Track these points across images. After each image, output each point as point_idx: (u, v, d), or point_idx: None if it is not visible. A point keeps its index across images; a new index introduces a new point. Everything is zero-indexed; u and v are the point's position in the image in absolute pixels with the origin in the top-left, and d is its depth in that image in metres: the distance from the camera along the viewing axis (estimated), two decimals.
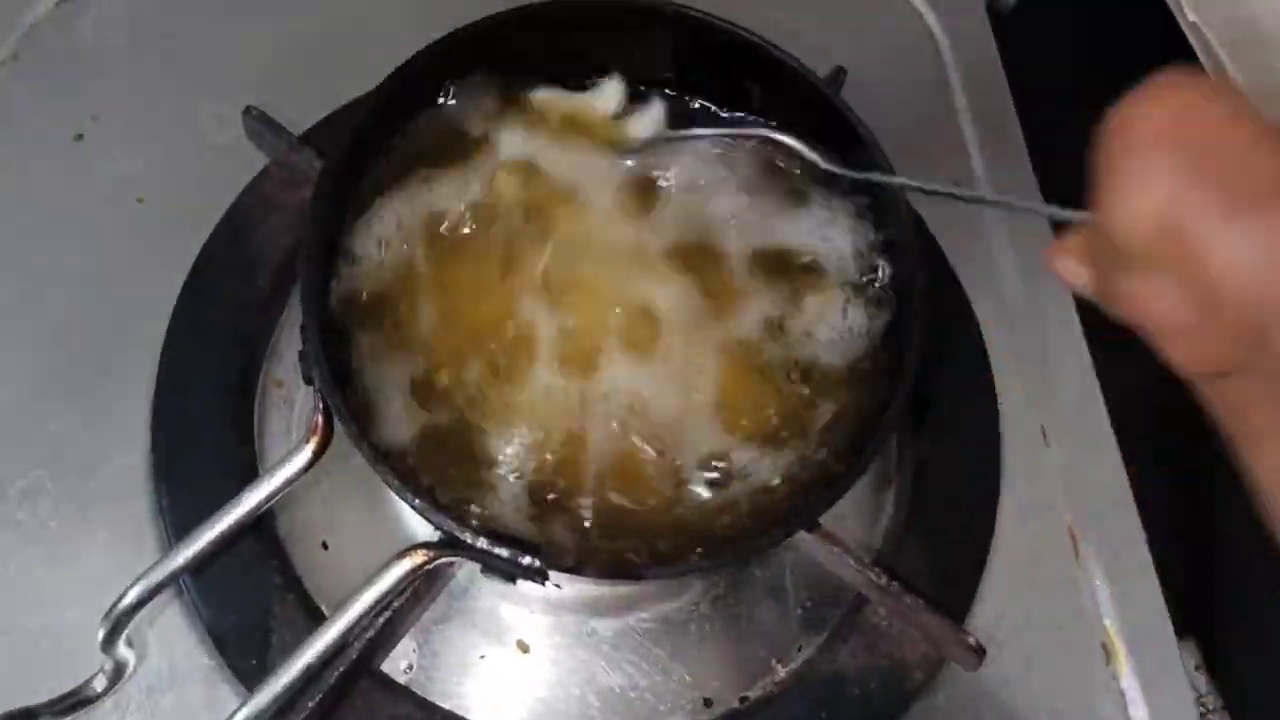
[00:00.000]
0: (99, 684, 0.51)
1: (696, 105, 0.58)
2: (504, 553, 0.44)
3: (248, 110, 0.59)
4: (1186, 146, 0.35)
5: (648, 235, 0.55)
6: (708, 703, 0.56)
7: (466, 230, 0.54)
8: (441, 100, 0.55)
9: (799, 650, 0.58)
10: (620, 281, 0.54)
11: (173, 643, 0.53)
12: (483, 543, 0.45)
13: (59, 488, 0.56)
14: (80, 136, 0.64)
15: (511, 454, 0.51)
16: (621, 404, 0.52)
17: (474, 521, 0.47)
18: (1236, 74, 0.81)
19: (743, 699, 0.56)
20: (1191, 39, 0.81)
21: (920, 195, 0.50)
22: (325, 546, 0.58)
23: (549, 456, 0.51)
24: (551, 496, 0.50)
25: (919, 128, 0.53)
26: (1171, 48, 0.79)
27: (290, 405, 0.61)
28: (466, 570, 0.57)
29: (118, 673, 0.51)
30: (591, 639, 0.57)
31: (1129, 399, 0.62)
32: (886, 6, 0.74)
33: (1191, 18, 0.81)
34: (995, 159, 0.69)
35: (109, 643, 0.49)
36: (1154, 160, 0.35)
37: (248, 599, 0.53)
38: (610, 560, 0.47)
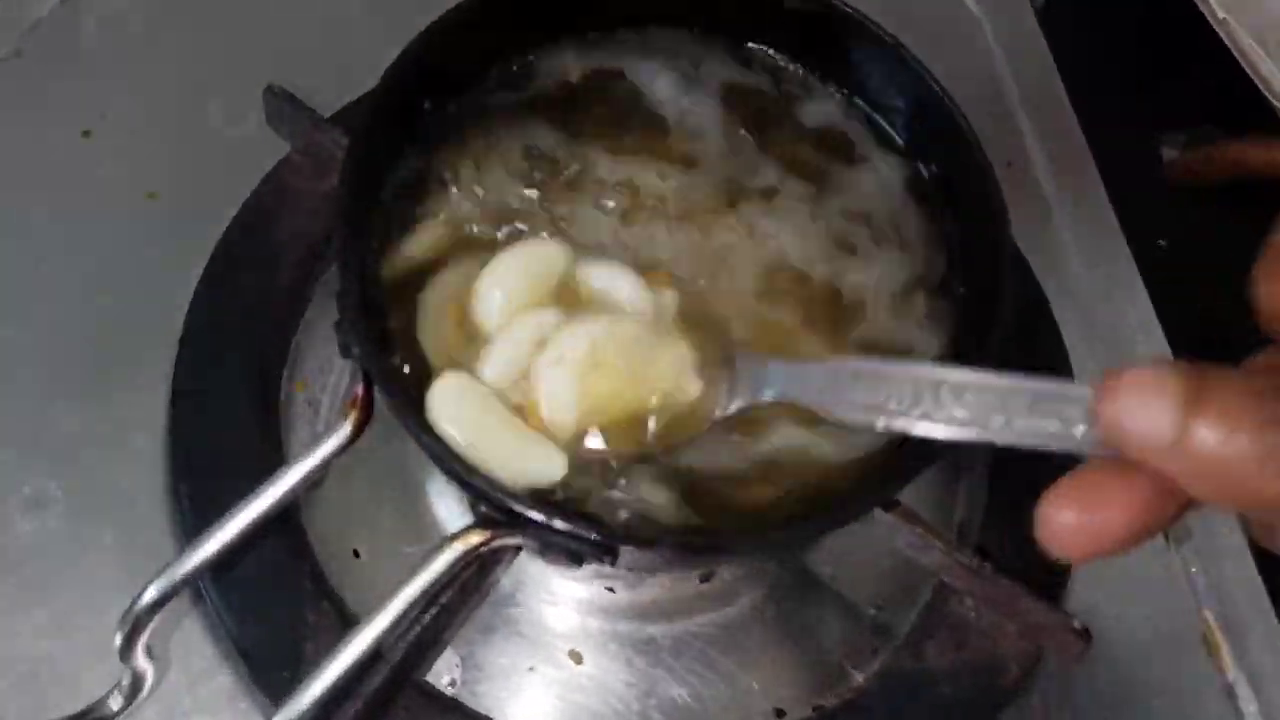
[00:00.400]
0: (115, 702, 0.46)
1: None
2: (569, 527, 0.40)
3: (269, 89, 0.56)
4: None
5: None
6: (779, 713, 0.52)
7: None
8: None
9: (874, 654, 0.53)
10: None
11: (194, 656, 0.49)
12: (546, 516, 0.40)
13: (67, 497, 0.52)
14: (88, 133, 0.61)
15: None
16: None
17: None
18: (1272, 68, 0.79)
19: (817, 708, 0.52)
20: (1223, 35, 0.79)
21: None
22: (357, 555, 0.53)
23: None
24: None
25: (971, 110, 0.50)
26: (1205, 43, 0.77)
27: (315, 409, 0.57)
28: (512, 577, 0.53)
29: (135, 688, 0.46)
30: (649, 647, 0.53)
31: None
32: None
33: (1221, 15, 0.79)
34: (1050, 142, 0.66)
35: (127, 649, 0.44)
36: None
37: (276, 606, 0.48)
38: (686, 536, 0.42)
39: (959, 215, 0.49)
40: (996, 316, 0.43)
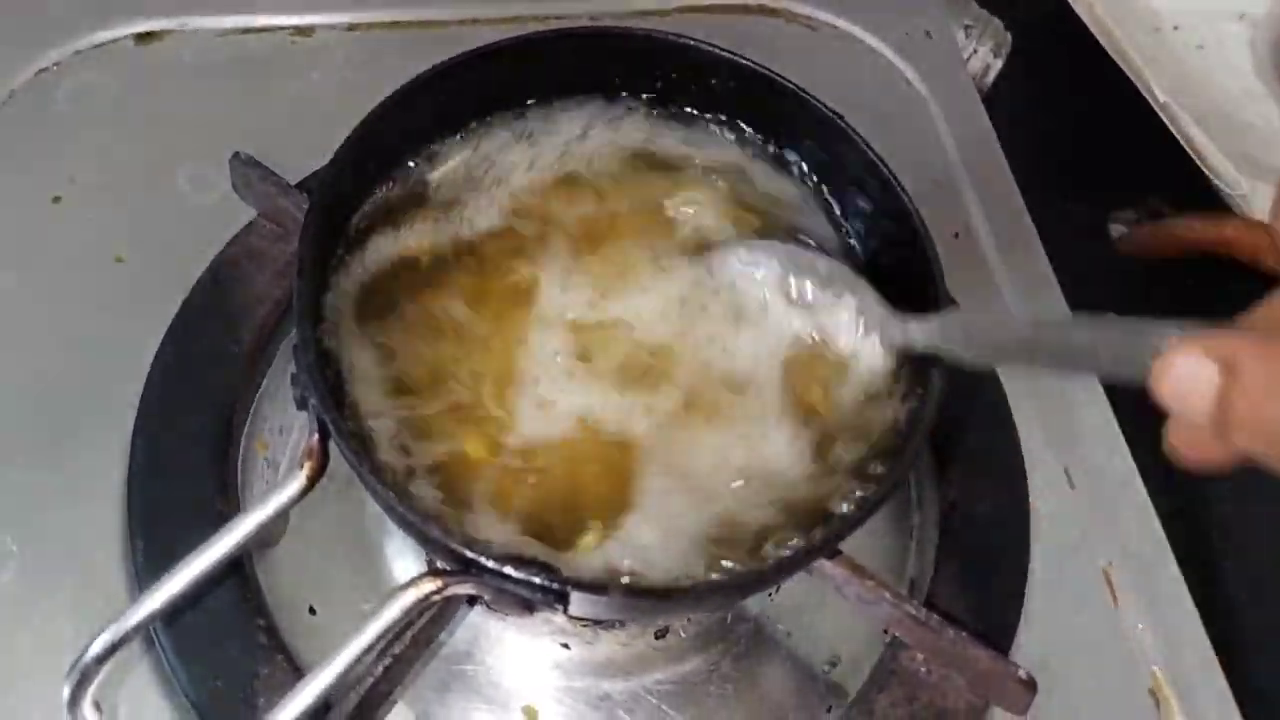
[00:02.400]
0: None
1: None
2: (520, 574, 0.41)
3: (236, 156, 0.57)
4: None
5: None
6: None
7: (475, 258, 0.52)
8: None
9: (828, 710, 0.53)
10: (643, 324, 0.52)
11: (144, 709, 0.48)
12: (498, 564, 0.41)
13: (24, 551, 0.52)
14: (58, 199, 0.62)
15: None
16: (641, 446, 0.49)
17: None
18: (1211, 148, 0.82)
19: None
20: (1165, 118, 0.82)
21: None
22: (313, 611, 0.53)
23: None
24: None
25: (919, 185, 0.53)
26: (1152, 122, 0.81)
27: (275, 469, 0.58)
28: (468, 634, 0.53)
29: None
30: (604, 703, 0.53)
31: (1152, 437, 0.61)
32: (871, 71, 0.75)
33: (1163, 99, 0.83)
34: (995, 214, 0.69)
35: (74, 702, 0.44)
36: None
37: (228, 660, 0.48)
38: (634, 583, 0.43)
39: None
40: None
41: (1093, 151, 0.91)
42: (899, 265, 0.52)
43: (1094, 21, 0.86)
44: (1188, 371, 0.32)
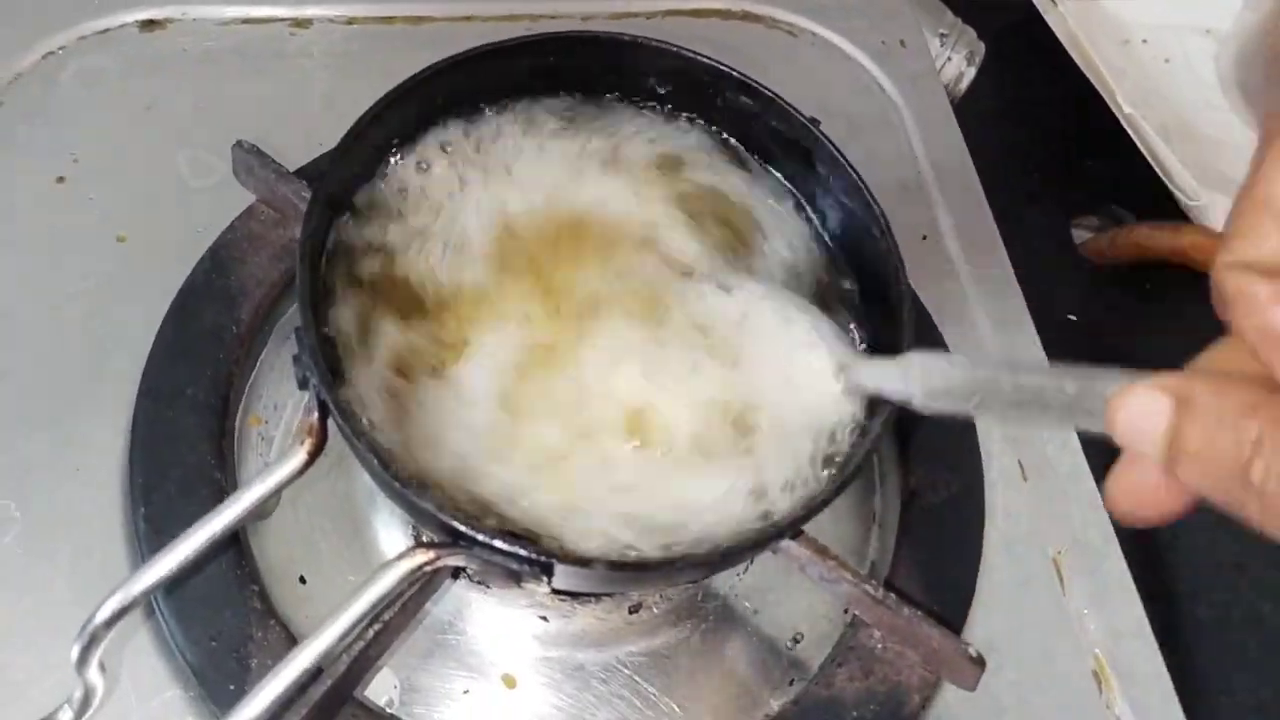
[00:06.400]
0: (65, 715, 0.48)
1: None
2: (509, 547, 0.43)
3: (238, 143, 0.60)
4: None
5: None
6: None
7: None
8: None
9: (791, 684, 0.57)
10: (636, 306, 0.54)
11: (144, 671, 0.51)
12: (488, 537, 0.43)
13: (26, 517, 0.54)
14: (62, 179, 0.64)
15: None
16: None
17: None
18: (1172, 159, 0.86)
19: None
20: (1128, 128, 0.86)
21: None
22: (303, 581, 0.56)
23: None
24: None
25: (888, 187, 0.56)
26: (1116, 132, 0.84)
27: (269, 442, 0.60)
28: (451, 604, 0.56)
29: (86, 701, 0.48)
30: (579, 673, 0.56)
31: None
32: (847, 78, 0.78)
33: (1127, 110, 0.86)
34: (961, 217, 0.72)
35: (82, 662, 0.46)
36: None
37: (224, 625, 0.51)
38: (618, 557, 0.46)
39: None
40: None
41: (1060, 158, 0.95)
42: (868, 278, 0.55)
43: (1065, 33, 0.89)
44: (1142, 405, 0.33)
